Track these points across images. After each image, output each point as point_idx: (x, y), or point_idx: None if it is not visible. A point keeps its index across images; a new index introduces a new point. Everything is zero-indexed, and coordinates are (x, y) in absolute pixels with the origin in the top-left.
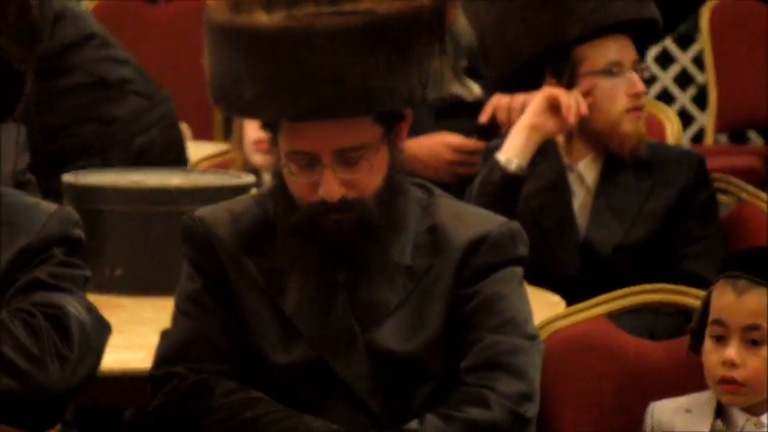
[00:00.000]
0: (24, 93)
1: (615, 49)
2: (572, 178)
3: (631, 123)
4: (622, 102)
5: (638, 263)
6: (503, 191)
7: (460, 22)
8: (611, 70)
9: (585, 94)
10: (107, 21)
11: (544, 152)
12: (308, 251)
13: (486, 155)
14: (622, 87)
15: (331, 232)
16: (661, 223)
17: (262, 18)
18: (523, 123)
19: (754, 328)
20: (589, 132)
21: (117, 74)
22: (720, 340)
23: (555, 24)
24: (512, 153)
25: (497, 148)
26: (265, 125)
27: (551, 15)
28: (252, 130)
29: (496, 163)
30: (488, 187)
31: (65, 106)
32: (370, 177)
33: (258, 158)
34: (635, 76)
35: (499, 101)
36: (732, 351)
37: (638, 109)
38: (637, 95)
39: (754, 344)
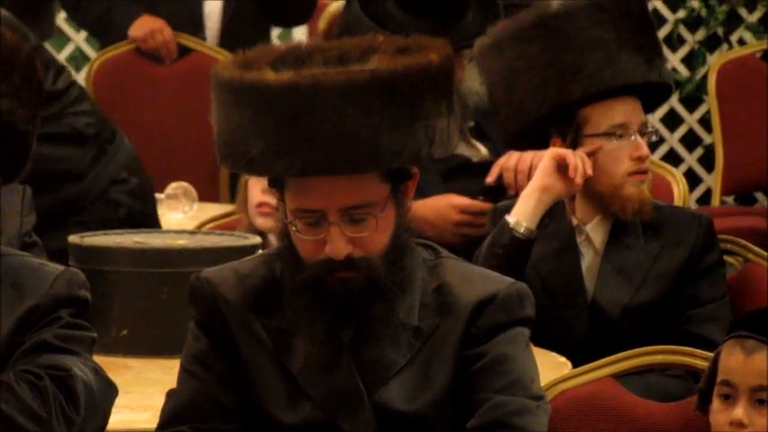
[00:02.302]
0: (30, 154)
1: (621, 112)
2: (580, 240)
3: (634, 187)
4: (626, 165)
5: (646, 325)
6: (512, 253)
7: (468, 83)
8: (615, 133)
9: (589, 155)
10: (112, 79)
11: (552, 214)
12: (315, 310)
13: (495, 216)
14: (626, 150)
15: (337, 291)
16: (669, 285)
17: (269, 75)
18: (533, 186)
19: (762, 388)
20: (593, 194)
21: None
22: (728, 400)
23: (559, 84)
24: (521, 215)
25: (506, 209)
26: (272, 183)
27: (556, 75)
28: (255, 193)
29: (506, 225)
30: (497, 249)
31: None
32: (377, 236)
33: (261, 221)
34: (640, 140)
35: (506, 162)
36: (740, 411)
37: (641, 173)
38: (640, 159)
39: (762, 404)
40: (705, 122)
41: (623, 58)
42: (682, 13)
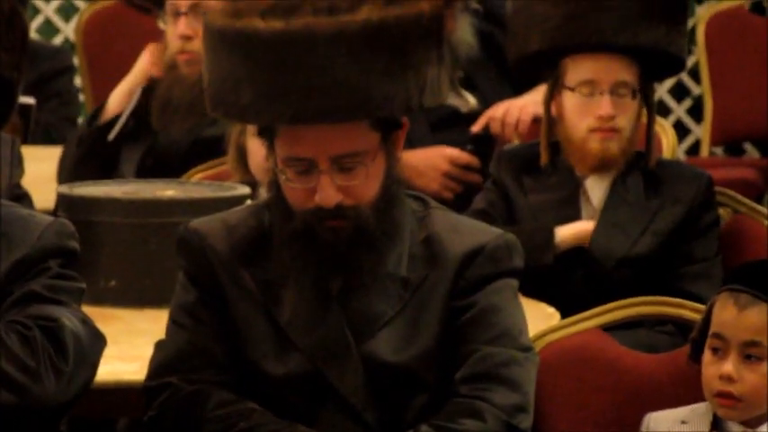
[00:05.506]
0: (16, 101)
1: (591, 68)
2: (581, 192)
3: (596, 143)
4: (588, 121)
5: (640, 278)
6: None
7: (459, 33)
8: (580, 89)
9: (560, 107)
10: (100, 30)
11: (556, 165)
12: (304, 259)
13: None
14: (590, 107)
15: (327, 239)
16: (665, 240)
17: (260, 23)
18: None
19: (753, 344)
20: (565, 147)
21: None
22: (719, 354)
23: (525, 34)
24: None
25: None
26: (262, 132)
27: (524, 25)
28: (261, 151)
29: (553, 246)
30: (533, 263)
31: None
32: (367, 184)
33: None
34: (606, 99)
35: (494, 113)
36: (730, 366)
37: (604, 130)
38: (602, 118)
39: (753, 360)
40: (694, 73)
41: (592, 15)
42: None
